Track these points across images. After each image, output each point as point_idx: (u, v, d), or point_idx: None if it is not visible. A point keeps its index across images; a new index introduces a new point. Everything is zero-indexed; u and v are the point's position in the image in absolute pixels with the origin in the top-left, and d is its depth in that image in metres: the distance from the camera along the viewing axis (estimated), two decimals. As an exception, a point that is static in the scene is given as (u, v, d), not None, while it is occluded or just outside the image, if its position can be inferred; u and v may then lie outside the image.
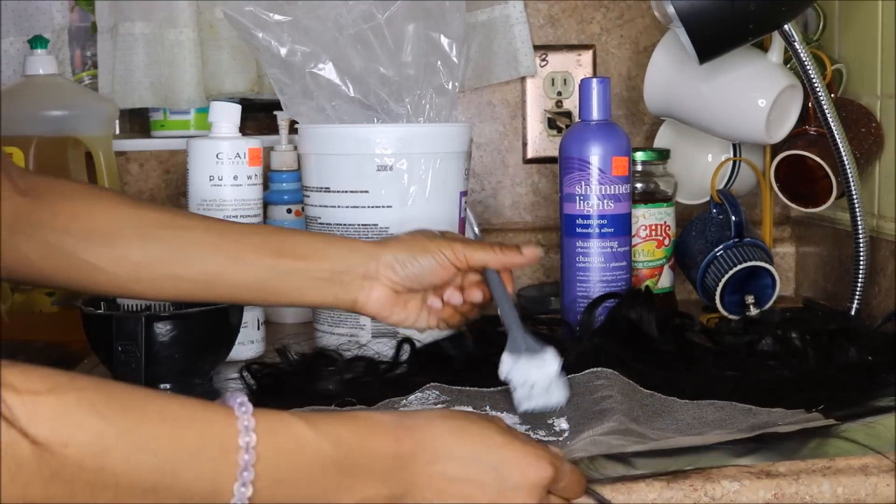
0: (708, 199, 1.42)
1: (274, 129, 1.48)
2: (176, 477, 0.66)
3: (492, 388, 1.02)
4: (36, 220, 0.96)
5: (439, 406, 0.98)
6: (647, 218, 1.36)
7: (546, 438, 0.90)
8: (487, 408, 0.98)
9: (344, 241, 1.03)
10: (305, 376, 1.09)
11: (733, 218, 1.36)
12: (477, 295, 1.05)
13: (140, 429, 0.66)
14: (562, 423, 0.93)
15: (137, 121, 1.61)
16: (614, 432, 0.88)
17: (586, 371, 1.02)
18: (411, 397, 0.99)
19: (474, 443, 0.74)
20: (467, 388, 1.02)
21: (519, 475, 0.74)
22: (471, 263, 1.03)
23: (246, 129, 1.28)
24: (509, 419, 0.95)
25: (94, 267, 0.97)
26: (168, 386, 1.09)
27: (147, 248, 0.98)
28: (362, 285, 1.01)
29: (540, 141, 1.59)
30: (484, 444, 0.74)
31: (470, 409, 0.97)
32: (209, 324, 1.11)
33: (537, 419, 0.95)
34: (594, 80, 1.23)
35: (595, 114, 1.23)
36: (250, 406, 0.69)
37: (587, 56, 1.58)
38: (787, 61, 1.32)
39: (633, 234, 1.30)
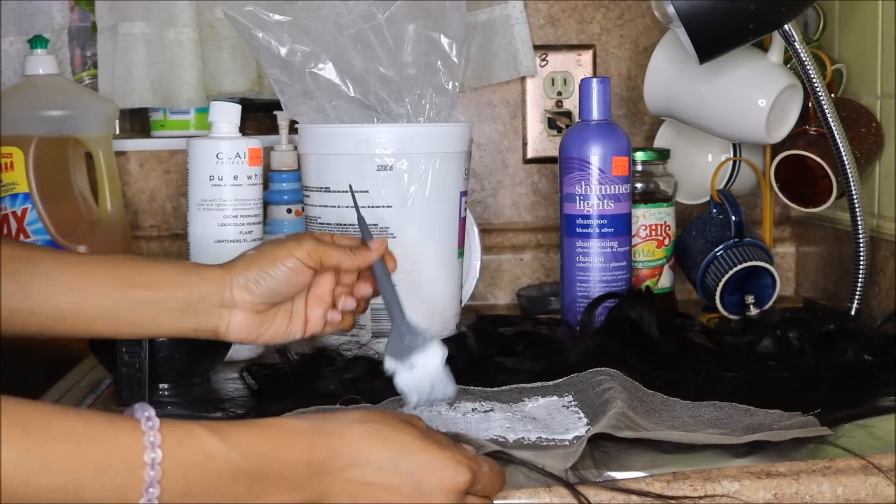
0: (708, 199, 1.42)
1: (274, 129, 1.48)
2: (79, 496, 0.66)
3: (495, 388, 1.02)
4: None
5: (444, 407, 0.98)
6: (647, 218, 1.36)
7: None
8: (494, 403, 0.98)
9: (196, 270, 0.98)
10: (305, 376, 1.09)
11: (733, 218, 1.36)
12: (366, 290, 1.00)
13: (41, 450, 0.66)
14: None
15: (137, 121, 1.61)
16: (612, 417, 0.89)
17: (589, 371, 1.02)
18: None
19: (391, 448, 0.75)
20: (470, 387, 1.02)
21: (435, 480, 0.75)
22: (325, 264, 0.98)
23: (246, 129, 1.29)
24: (543, 410, 0.95)
25: None
26: (167, 386, 1.09)
27: None
28: (221, 314, 0.96)
29: (540, 141, 1.59)
30: (401, 449, 0.75)
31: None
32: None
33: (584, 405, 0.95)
34: (594, 80, 1.23)
35: (595, 114, 1.23)
36: (157, 421, 0.69)
37: (587, 56, 1.58)
38: (787, 61, 1.32)
39: (633, 234, 1.30)
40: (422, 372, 0.92)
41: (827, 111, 1.22)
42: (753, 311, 1.32)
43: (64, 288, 0.94)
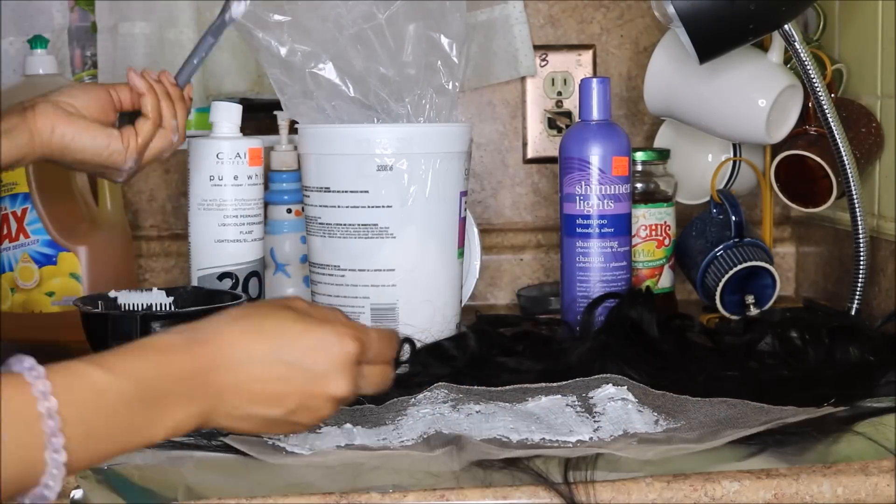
0: (708, 199, 1.42)
1: (274, 129, 1.48)
2: None
3: (501, 388, 1.02)
4: None
5: (447, 408, 0.97)
6: (647, 218, 1.36)
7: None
8: (497, 403, 0.98)
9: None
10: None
11: (733, 218, 1.36)
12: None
13: None
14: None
15: (137, 121, 1.61)
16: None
17: (594, 377, 1.02)
18: (419, 396, 0.99)
19: (271, 340, 0.74)
20: (476, 387, 1.02)
21: (323, 359, 0.74)
22: (124, 105, 1.08)
23: (246, 129, 1.29)
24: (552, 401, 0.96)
25: None
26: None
27: None
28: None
29: (540, 141, 1.59)
30: (281, 337, 0.74)
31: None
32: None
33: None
34: (594, 80, 1.23)
35: (595, 114, 1.23)
36: (41, 369, 0.67)
37: (587, 56, 1.58)
38: (787, 61, 1.32)
39: (633, 234, 1.30)
40: None
41: (827, 111, 1.22)
42: (753, 311, 1.32)
43: None
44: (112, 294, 1.17)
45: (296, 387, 0.74)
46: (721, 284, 1.33)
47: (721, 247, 1.36)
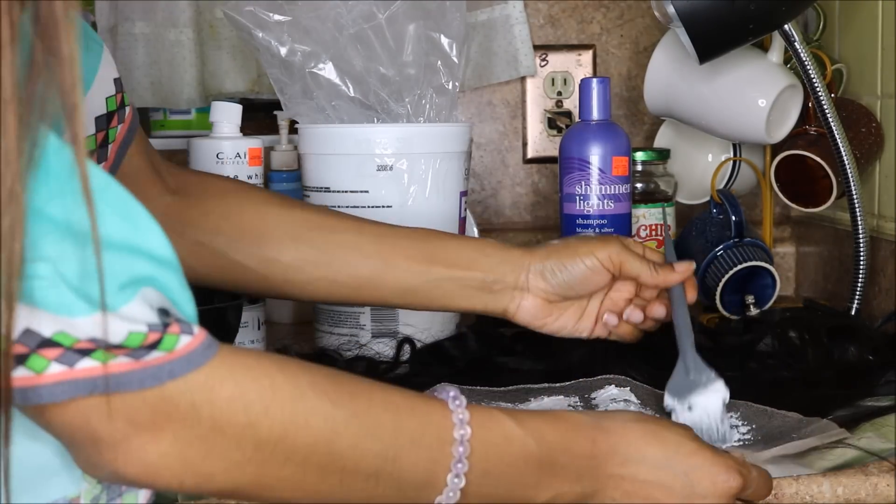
0: (708, 199, 1.42)
1: (274, 129, 1.48)
2: (396, 464, 0.68)
3: (503, 388, 1.02)
4: (187, 219, 0.96)
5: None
6: (647, 218, 1.36)
7: None
8: (499, 404, 0.98)
9: (495, 250, 1.01)
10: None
11: (733, 218, 1.36)
12: (660, 311, 1.02)
13: (367, 415, 0.68)
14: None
15: (137, 121, 1.61)
16: None
17: (598, 377, 1.02)
18: None
19: (666, 448, 0.76)
20: (478, 387, 1.02)
21: (708, 483, 0.75)
22: (624, 272, 1.00)
23: (246, 129, 1.29)
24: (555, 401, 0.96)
25: (245, 268, 0.97)
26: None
27: (298, 250, 0.97)
28: (513, 295, 1.00)
29: (540, 141, 1.59)
30: (676, 449, 0.76)
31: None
32: (206, 323, 1.10)
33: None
34: (594, 80, 1.23)
35: (595, 114, 1.23)
36: (464, 400, 0.71)
37: (587, 56, 1.58)
38: (787, 61, 1.32)
39: (633, 234, 1.29)
40: (700, 413, 0.92)
41: (827, 111, 1.22)
42: (753, 311, 1.31)
43: (367, 259, 0.98)
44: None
45: (673, 499, 0.75)
46: (721, 284, 1.33)
47: (721, 247, 1.36)
